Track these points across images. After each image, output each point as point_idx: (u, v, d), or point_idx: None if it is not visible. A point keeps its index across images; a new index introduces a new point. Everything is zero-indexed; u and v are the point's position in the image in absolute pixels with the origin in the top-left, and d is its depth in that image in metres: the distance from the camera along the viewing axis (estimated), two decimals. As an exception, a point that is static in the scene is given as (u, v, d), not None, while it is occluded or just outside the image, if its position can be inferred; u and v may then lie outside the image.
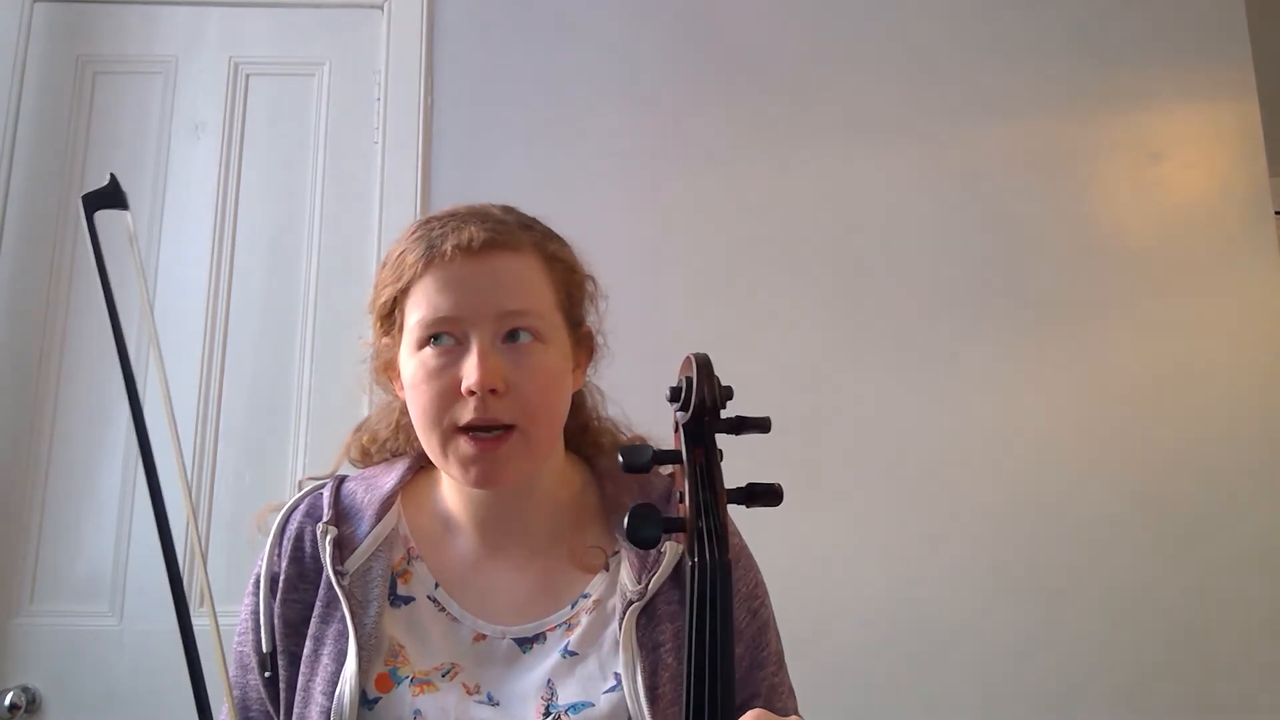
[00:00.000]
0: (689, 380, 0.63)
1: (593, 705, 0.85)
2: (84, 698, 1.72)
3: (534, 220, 0.95)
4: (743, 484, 0.64)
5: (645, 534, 0.60)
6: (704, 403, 0.62)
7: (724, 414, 0.64)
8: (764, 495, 0.63)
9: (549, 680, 0.86)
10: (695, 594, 0.58)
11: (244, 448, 1.86)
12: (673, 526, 0.62)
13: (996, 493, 1.87)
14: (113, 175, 0.90)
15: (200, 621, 0.75)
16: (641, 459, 0.63)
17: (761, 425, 0.64)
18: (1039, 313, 1.94)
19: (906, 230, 1.96)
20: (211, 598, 0.80)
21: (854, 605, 1.81)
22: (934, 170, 1.99)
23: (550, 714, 0.84)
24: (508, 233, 0.89)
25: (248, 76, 2.00)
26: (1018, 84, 2.02)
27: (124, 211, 0.90)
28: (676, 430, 0.65)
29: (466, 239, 0.86)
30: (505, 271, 0.88)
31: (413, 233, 0.91)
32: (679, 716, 0.84)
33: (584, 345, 0.97)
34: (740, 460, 0.75)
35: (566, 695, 0.85)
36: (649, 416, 1.03)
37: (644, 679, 0.84)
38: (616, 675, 0.86)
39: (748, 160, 1.98)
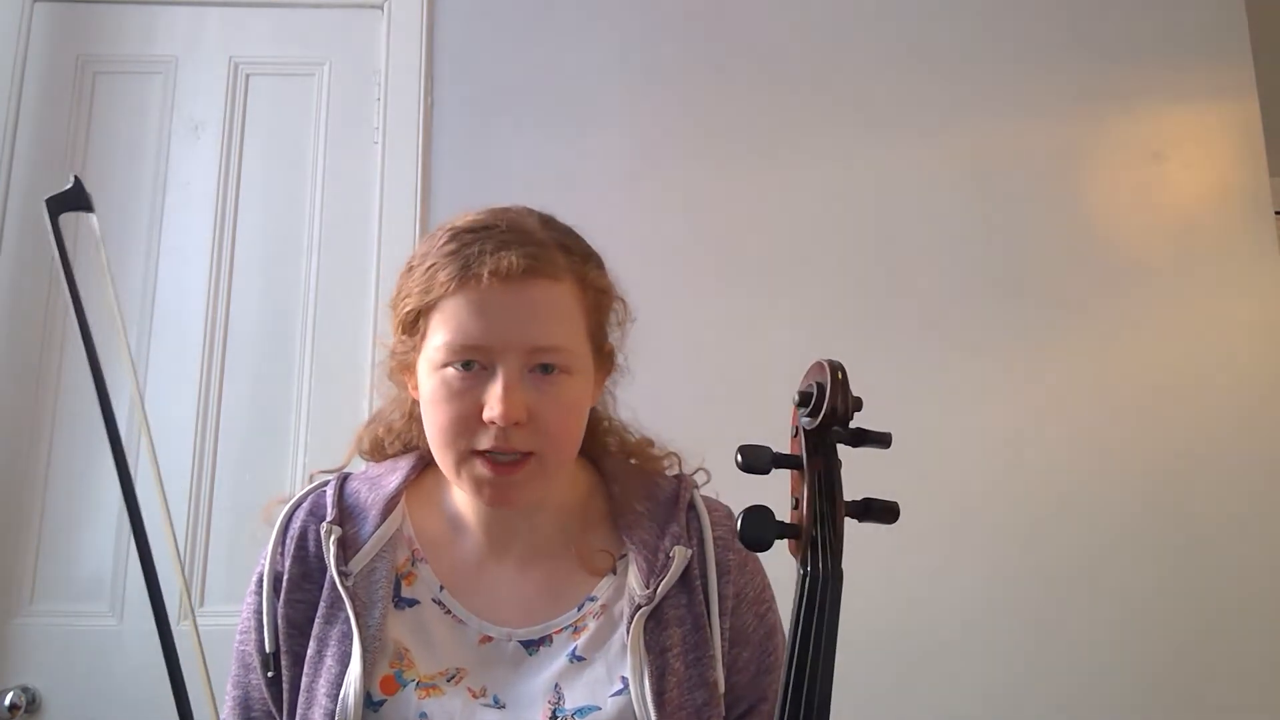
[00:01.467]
0: (820, 387, 0.61)
1: (599, 709, 0.84)
2: (84, 698, 1.72)
3: (572, 236, 0.92)
4: (860, 497, 0.62)
5: (757, 536, 0.58)
6: (835, 412, 0.60)
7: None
8: (880, 512, 0.61)
9: (556, 684, 0.86)
10: (804, 603, 0.57)
11: (244, 448, 1.86)
12: (787, 532, 0.59)
13: (996, 493, 1.86)
14: (76, 178, 0.88)
15: (201, 623, 0.75)
16: (760, 461, 0.60)
17: (882, 440, 0.61)
18: (1039, 313, 1.94)
19: (906, 230, 1.96)
20: (191, 603, 0.79)
21: (854, 607, 1.79)
22: (934, 170, 1.99)
23: (557, 717, 0.84)
24: (547, 258, 0.85)
25: (248, 76, 2.00)
26: (1018, 84, 2.02)
27: (90, 214, 0.88)
28: (795, 435, 0.63)
29: (506, 267, 0.82)
30: (541, 303, 0.84)
31: (444, 243, 0.86)
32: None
33: (604, 364, 0.95)
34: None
35: (573, 699, 0.85)
36: (649, 416, 1.04)
37: (651, 683, 0.84)
38: (624, 679, 0.85)
39: (747, 160, 1.98)
